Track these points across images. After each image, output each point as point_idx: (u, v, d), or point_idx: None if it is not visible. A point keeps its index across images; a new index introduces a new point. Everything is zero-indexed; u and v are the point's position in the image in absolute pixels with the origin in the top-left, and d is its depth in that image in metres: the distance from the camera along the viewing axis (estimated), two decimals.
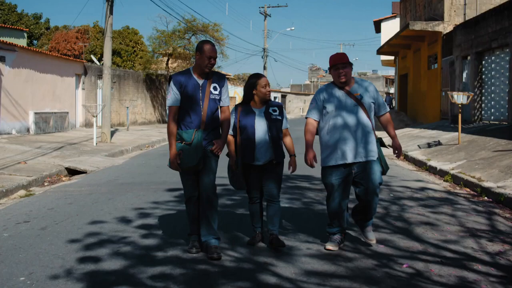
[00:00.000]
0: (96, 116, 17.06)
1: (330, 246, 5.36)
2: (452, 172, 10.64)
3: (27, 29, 33.52)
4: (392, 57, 36.10)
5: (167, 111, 5.37)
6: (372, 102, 5.33)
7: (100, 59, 33.47)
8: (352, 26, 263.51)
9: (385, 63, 42.32)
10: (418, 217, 7.04)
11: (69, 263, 4.97)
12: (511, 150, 11.08)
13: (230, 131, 5.40)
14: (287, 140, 5.58)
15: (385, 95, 65.34)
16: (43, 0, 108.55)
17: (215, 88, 5.15)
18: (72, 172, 11.72)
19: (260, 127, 5.33)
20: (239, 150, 5.39)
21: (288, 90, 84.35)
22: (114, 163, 13.03)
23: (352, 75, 5.41)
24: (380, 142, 5.46)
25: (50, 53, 23.19)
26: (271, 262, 4.97)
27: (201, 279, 4.53)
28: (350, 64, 5.33)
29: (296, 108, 71.98)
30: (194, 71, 5.17)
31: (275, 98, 66.31)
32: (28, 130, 18.42)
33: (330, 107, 5.30)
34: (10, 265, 4.93)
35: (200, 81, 5.13)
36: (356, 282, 4.46)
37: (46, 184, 10.22)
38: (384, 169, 5.41)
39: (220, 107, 5.26)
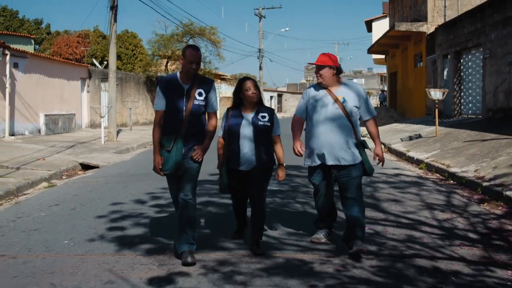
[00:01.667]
0: (104, 116, 18.37)
1: (315, 239, 5.52)
2: (426, 160, 11.95)
3: (34, 36, 34.78)
4: (383, 56, 37.43)
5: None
6: (356, 106, 5.25)
7: (101, 63, 34.75)
8: (346, 25, 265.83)
9: (377, 62, 43.68)
10: (387, 195, 8.34)
11: (101, 231, 6.26)
12: (478, 140, 12.41)
13: (221, 134, 5.44)
14: (277, 148, 5.43)
15: (380, 92, 66.71)
16: (43, 6, 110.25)
17: (200, 94, 5.07)
18: (85, 167, 12.99)
19: (246, 133, 5.25)
20: (226, 155, 5.37)
21: (285, 89, 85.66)
22: (123, 159, 14.33)
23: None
24: (363, 145, 5.33)
25: (58, 58, 24.49)
26: None
27: (207, 238, 5.83)
28: (330, 67, 5.26)
29: (292, 107, 73.11)
30: (180, 76, 5.13)
31: (271, 97, 67.58)
32: (39, 131, 19.71)
33: (312, 108, 5.33)
34: (54, 234, 6.22)
35: (185, 86, 5.07)
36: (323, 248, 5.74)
37: (64, 177, 11.49)
38: (368, 171, 5.32)
39: (208, 112, 5.19)
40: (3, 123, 17.07)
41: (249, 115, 5.31)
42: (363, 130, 6.07)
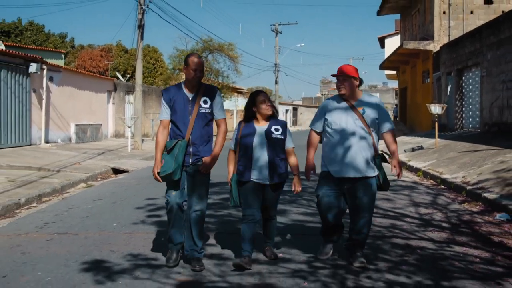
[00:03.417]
0: (130, 127, 19.94)
1: (322, 256, 5.47)
2: (423, 168, 13.26)
3: (64, 51, 36.71)
4: (395, 72, 38.74)
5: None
6: (376, 118, 5.21)
7: (123, 75, 36.50)
8: (361, 41, 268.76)
9: (389, 77, 44.98)
10: (381, 196, 9.61)
11: (141, 218, 7.70)
12: (471, 151, 13.70)
13: (232, 146, 5.41)
14: (291, 159, 5.39)
15: (394, 106, 67.82)
16: (67, 20, 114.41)
17: (205, 102, 5.11)
18: (116, 171, 14.48)
19: (259, 145, 5.20)
20: (237, 167, 5.33)
21: (300, 102, 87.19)
22: (149, 165, 15.77)
23: (363, 88, 5.54)
24: (382, 158, 5.31)
25: (87, 72, 26.24)
26: None
27: (226, 223, 7.24)
28: (354, 78, 5.22)
29: (307, 120, 74.39)
30: (184, 85, 5.17)
31: (287, 110, 69.05)
32: (70, 139, 21.34)
33: (331, 119, 5.25)
34: (103, 219, 7.66)
35: (190, 95, 5.12)
36: None
37: (99, 179, 12.97)
38: (383, 186, 5.37)
39: (216, 120, 5.24)
40: (40, 132, 18.73)
41: (263, 128, 5.26)
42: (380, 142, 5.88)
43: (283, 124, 5.38)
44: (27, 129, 18.04)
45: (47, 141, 19.08)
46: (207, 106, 5.11)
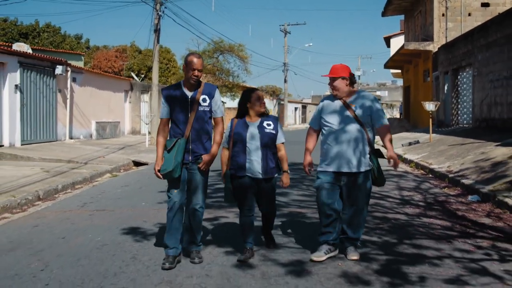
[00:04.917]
0: (148, 124, 21.44)
1: (315, 257, 5.32)
2: (416, 160, 14.59)
3: (83, 54, 38.33)
4: (400, 70, 39.98)
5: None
6: (369, 115, 5.33)
7: (137, 75, 38.06)
8: (369, 40, 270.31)
9: (395, 76, 46.18)
10: None
11: (165, 198, 8.83)
12: (459, 144, 15.02)
13: (225, 144, 5.48)
14: (281, 154, 5.50)
15: (401, 104, 68.95)
16: (82, 22, 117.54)
17: (204, 100, 5.17)
18: (136, 164, 15.93)
19: (252, 140, 5.32)
20: (231, 163, 5.43)
21: (309, 101, 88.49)
22: None
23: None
24: (378, 153, 5.41)
25: (106, 74, 27.79)
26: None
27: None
28: (343, 77, 5.38)
29: None
30: (184, 84, 5.23)
31: (296, 108, 70.33)
32: (90, 136, 22.88)
33: (326, 117, 5.42)
34: (132, 200, 9.11)
35: (189, 94, 5.17)
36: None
37: (122, 170, 14.41)
38: (379, 180, 5.46)
39: (214, 118, 5.31)
40: (64, 128, 20.29)
41: (255, 124, 5.41)
42: (377, 138, 6.04)
43: (275, 119, 5.55)
44: (53, 126, 19.57)
45: (71, 137, 20.62)
46: (206, 104, 5.18)
